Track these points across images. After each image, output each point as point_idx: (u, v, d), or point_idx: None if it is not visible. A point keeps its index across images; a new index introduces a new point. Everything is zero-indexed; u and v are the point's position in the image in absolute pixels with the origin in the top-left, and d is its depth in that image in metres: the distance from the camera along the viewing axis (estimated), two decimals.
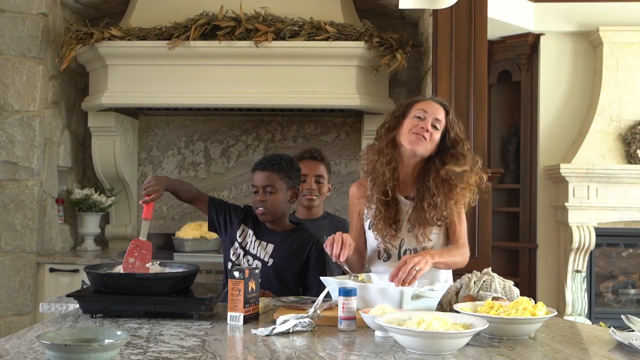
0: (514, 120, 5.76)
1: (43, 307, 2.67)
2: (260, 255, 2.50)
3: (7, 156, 4.13)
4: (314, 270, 2.48)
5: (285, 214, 2.58)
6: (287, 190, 2.51)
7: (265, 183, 2.48)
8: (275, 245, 2.51)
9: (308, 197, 2.98)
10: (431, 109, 2.30)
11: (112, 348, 1.45)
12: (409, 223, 2.33)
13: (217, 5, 4.06)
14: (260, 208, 2.49)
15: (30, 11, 4.16)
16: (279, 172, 2.49)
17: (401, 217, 2.34)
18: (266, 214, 2.50)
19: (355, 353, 1.65)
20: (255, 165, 2.55)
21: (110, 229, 4.70)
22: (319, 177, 3.01)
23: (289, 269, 2.49)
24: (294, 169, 2.55)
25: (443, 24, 3.76)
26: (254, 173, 2.54)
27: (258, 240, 2.53)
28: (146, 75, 4.09)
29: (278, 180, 2.49)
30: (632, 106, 5.34)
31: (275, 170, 2.49)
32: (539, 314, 1.83)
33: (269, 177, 2.49)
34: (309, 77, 4.06)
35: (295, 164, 2.58)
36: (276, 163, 2.50)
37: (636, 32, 5.34)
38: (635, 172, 5.21)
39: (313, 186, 2.99)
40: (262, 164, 2.52)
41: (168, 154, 4.76)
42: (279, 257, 2.49)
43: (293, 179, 2.54)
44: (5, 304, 4.08)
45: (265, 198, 2.48)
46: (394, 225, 2.32)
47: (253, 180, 2.54)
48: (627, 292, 5.57)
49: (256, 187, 2.51)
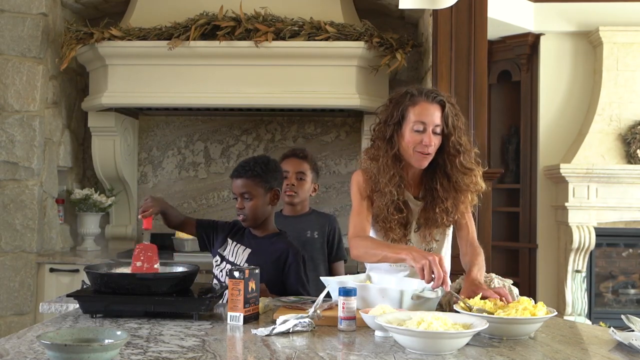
0: (514, 120, 5.77)
1: (43, 307, 2.67)
2: (237, 260, 2.50)
3: (7, 156, 4.13)
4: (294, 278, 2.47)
5: (268, 217, 2.55)
6: (265, 193, 2.48)
7: (242, 190, 2.47)
8: (251, 250, 2.51)
9: (288, 193, 3.02)
10: (429, 117, 2.19)
11: (112, 348, 1.45)
12: (416, 223, 2.30)
13: (217, 5, 4.06)
14: (240, 215, 2.50)
15: (30, 11, 4.16)
16: (254, 178, 2.47)
17: (411, 218, 2.30)
18: (246, 220, 2.50)
19: (355, 353, 1.65)
20: (232, 172, 2.54)
21: (110, 229, 4.70)
22: (300, 174, 3.05)
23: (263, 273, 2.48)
24: (270, 171, 2.51)
25: (443, 24, 3.76)
26: (232, 181, 2.53)
27: (238, 245, 2.54)
28: (146, 75, 4.09)
29: (254, 186, 2.46)
30: (632, 106, 5.34)
31: (249, 176, 2.47)
32: (539, 314, 1.83)
33: (244, 184, 2.47)
34: (309, 77, 4.06)
35: (271, 166, 2.54)
36: (250, 169, 2.48)
37: (636, 32, 5.34)
38: (635, 172, 5.21)
39: (293, 182, 3.03)
40: (236, 171, 2.51)
41: (168, 154, 4.76)
42: (253, 261, 2.47)
43: (271, 181, 2.50)
44: (5, 304, 4.08)
45: (244, 205, 2.47)
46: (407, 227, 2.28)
47: (232, 188, 2.54)
48: (627, 292, 5.57)
49: (235, 194, 2.52)
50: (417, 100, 2.22)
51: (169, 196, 4.71)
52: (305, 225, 3.07)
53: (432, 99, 2.22)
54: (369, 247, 2.20)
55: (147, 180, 4.76)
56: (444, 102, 2.22)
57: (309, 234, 3.07)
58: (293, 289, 2.46)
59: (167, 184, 4.74)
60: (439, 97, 2.23)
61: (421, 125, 2.19)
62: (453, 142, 2.22)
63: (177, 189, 4.73)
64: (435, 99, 2.22)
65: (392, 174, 2.22)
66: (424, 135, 2.20)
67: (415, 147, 2.20)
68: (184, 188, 4.73)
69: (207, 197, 4.73)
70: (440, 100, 2.22)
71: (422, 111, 2.20)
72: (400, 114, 2.23)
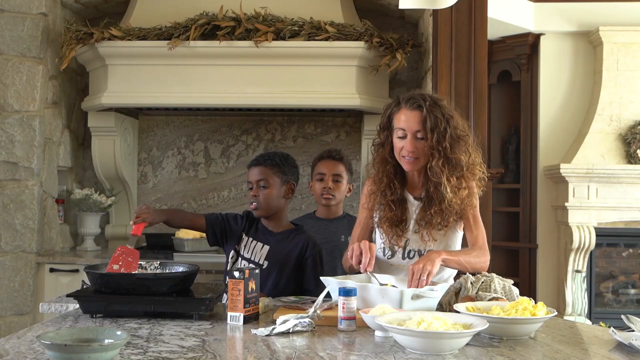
0: (514, 120, 5.77)
1: (43, 307, 2.67)
2: (254, 258, 2.50)
3: (7, 156, 4.13)
4: (310, 274, 2.48)
5: (281, 210, 2.56)
6: (281, 185, 2.50)
7: (258, 177, 2.49)
8: (270, 247, 2.51)
9: (325, 196, 3.00)
10: (407, 123, 2.23)
11: (112, 348, 1.45)
12: (415, 223, 2.31)
13: (217, 5, 4.06)
14: (253, 203, 2.50)
15: (30, 11, 4.16)
16: (272, 167, 2.50)
17: (408, 217, 2.33)
18: (259, 208, 2.50)
19: (355, 353, 1.65)
20: (250, 162, 2.58)
21: (110, 229, 4.70)
22: (337, 176, 3.02)
23: (283, 271, 2.48)
24: (288, 165, 2.55)
25: (443, 24, 3.76)
26: (249, 170, 2.56)
27: (254, 242, 2.53)
28: (146, 75, 4.09)
29: (271, 175, 2.49)
30: (632, 106, 5.35)
31: (268, 165, 2.50)
32: (539, 314, 1.83)
33: (261, 172, 2.50)
34: (309, 77, 4.06)
35: (290, 160, 2.58)
36: (269, 158, 2.52)
37: (636, 32, 5.34)
38: (635, 172, 5.21)
39: (330, 185, 3.00)
40: (255, 160, 2.55)
41: (168, 154, 4.76)
42: (273, 259, 2.48)
43: (288, 174, 2.53)
44: (5, 304, 4.08)
45: (258, 193, 2.48)
46: (400, 226, 2.31)
47: (248, 177, 2.56)
48: (627, 292, 5.57)
49: (250, 183, 2.53)
50: (400, 107, 2.27)
51: (169, 196, 4.71)
52: (338, 229, 3.03)
53: (411, 105, 2.25)
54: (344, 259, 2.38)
55: (147, 180, 4.76)
56: (423, 107, 2.23)
57: (342, 238, 3.02)
58: (307, 286, 2.46)
59: (167, 184, 4.74)
60: (417, 102, 2.24)
61: (402, 132, 2.25)
62: (430, 146, 2.23)
63: (177, 189, 4.73)
64: (414, 104, 2.24)
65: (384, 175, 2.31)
66: (405, 141, 2.24)
67: (400, 152, 2.27)
68: (184, 188, 4.72)
69: (207, 197, 4.73)
70: (419, 106, 2.23)
71: (402, 118, 2.25)
72: (388, 121, 2.31)
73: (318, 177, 3.04)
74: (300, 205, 4.48)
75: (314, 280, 2.44)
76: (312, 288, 2.44)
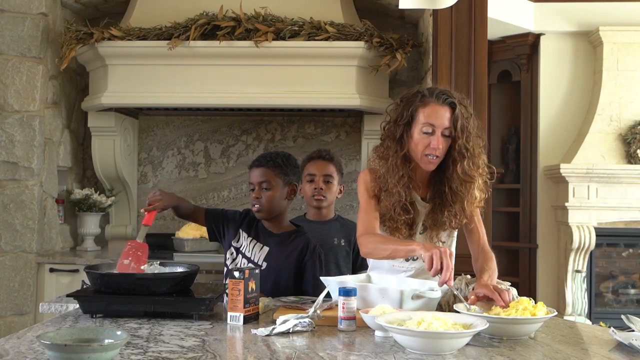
0: (514, 120, 5.77)
1: (43, 307, 2.67)
2: (254, 257, 2.49)
3: (7, 156, 4.13)
4: (309, 276, 2.46)
5: (283, 212, 2.54)
6: (283, 186, 2.48)
7: (261, 179, 2.47)
8: (270, 248, 2.50)
9: (316, 197, 2.94)
10: (438, 119, 2.13)
11: (112, 348, 1.45)
12: (422, 225, 2.26)
13: (217, 5, 4.06)
14: (255, 205, 2.48)
15: (30, 11, 4.16)
16: (275, 168, 2.47)
17: (417, 219, 2.25)
18: (262, 210, 2.47)
19: (355, 353, 1.65)
20: (252, 162, 2.54)
21: (110, 229, 4.70)
22: (328, 177, 2.96)
23: (283, 272, 2.47)
24: (290, 165, 2.51)
25: (443, 24, 3.76)
26: (250, 171, 2.53)
27: (254, 242, 2.52)
28: (146, 75, 4.09)
29: (274, 177, 2.46)
30: (632, 106, 5.34)
31: (270, 166, 2.47)
32: (539, 314, 1.84)
33: (264, 173, 2.47)
34: (309, 77, 4.05)
35: (292, 160, 2.54)
36: (271, 159, 2.49)
37: (636, 32, 5.34)
38: (635, 172, 5.21)
39: (321, 186, 2.94)
40: (257, 161, 2.51)
41: (168, 154, 4.76)
42: (272, 260, 2.47)
43: (290, 175, 2.50)
44: (5, 304, 4.08)
45: (261, 195, 2.46)
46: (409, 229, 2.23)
47: (249, 178, 2.53)
48: (627, 292, 5.57)
49: (252, 184, 2.50)
50: (428, 101, 2.16)
51: None
52: (331, 232, 2.98)
53: (443, 100, 2.15)
54: (378, 243, 2.14)
55: (147, 180, 4.76)
56: (455, 104, 2.15)
57: (335, 241, 2.97)
58: (306, 287, 2.45)
59: (167, 184, 4.74)
60: (450, 98, 2.16)
61: (430, 128, 2.14)
62: (459, 145, 2.15)
63: (177, 189, 4.73)
64: (446, 100, 2.15)
65: (401, 174, 2.18)
66: (432, 137, 2.14)
67: (424, 150, 2.15)
68: (184, 188, 4.72)
69: (207, 197, 4.73)
70: (451, 102, 2.15)
71: (431, 113, 2.14)
72: (410, 115, 2.17)
73: (308, 179, 2.97)
74: (300, 205, 4.48)
75: (313, 282, 2.43)
76: (311, 290, 2.42)
